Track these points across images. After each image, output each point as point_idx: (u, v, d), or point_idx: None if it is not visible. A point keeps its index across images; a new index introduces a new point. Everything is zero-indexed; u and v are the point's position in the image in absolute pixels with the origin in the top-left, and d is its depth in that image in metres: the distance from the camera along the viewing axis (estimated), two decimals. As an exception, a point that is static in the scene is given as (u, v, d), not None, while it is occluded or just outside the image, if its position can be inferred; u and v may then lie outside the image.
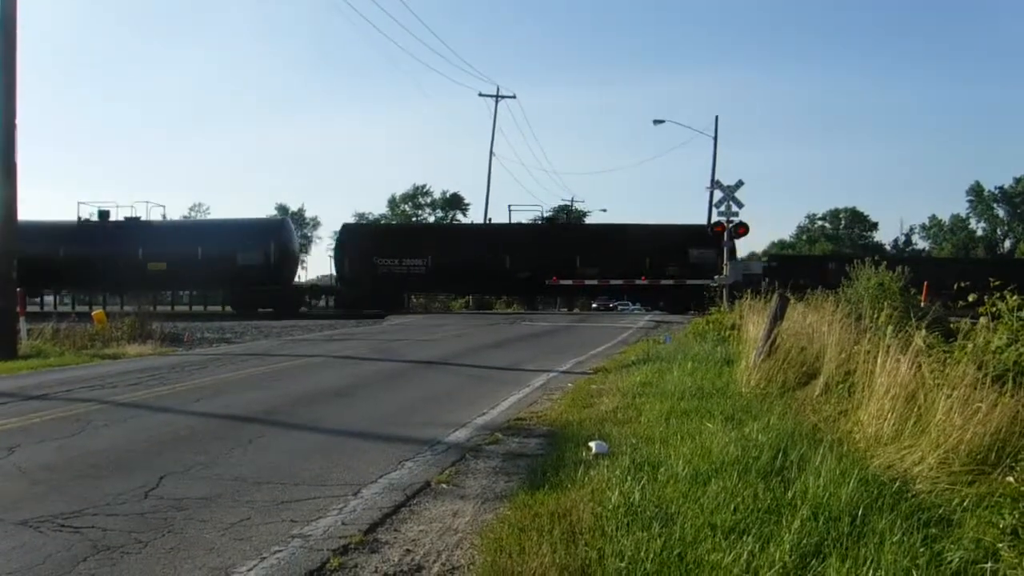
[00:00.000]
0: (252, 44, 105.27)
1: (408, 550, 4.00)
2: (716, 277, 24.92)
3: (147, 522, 4.33)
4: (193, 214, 69.91)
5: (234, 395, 9.34)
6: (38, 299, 34.96)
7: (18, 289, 14.80)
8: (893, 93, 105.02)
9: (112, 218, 33.35)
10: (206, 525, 4.30)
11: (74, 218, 33.66)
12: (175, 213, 66.28)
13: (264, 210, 73.11)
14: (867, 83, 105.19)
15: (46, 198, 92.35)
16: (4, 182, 14.31)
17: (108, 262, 31.14)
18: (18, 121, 14.40)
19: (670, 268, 32.30)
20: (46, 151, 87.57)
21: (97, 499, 4.75)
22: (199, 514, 4.48)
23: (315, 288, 42.86)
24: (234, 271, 31.37)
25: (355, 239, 35.55)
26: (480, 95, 47.67)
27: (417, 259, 33.43)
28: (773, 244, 76.25)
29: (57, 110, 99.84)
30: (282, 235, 33.74)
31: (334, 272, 38.37)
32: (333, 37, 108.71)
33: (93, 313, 19.03)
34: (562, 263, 32.65)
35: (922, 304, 12.57)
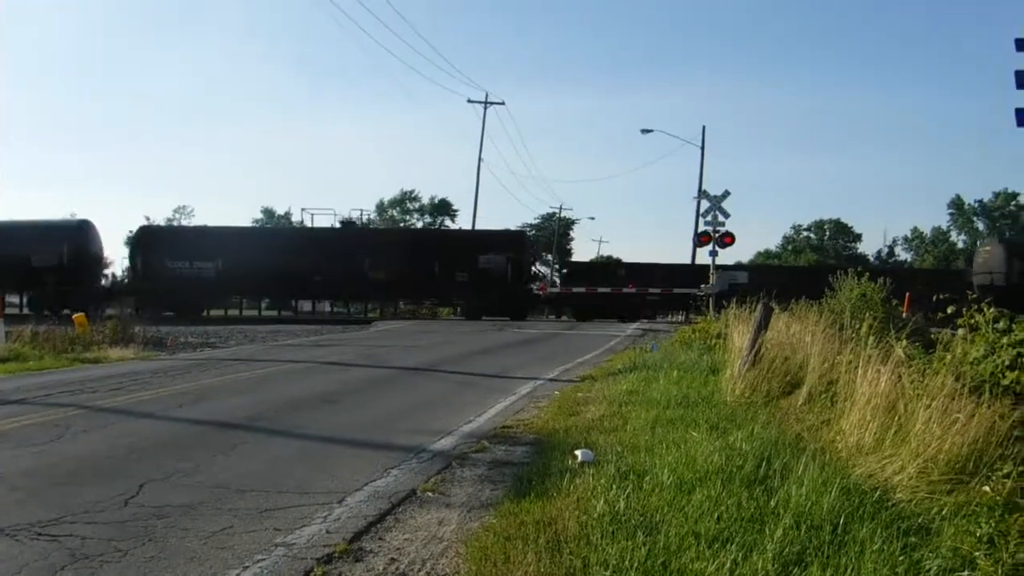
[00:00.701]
0: (242, 48, 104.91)
1: (393, 559, 3.98)
2: (703, 286, 25.08)
3: (127, 530, 4.28)
4: (178, 216, 69.34)
5: (217, 400, 9.25)
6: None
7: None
8: (878, 106, 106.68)
9: None
10: (188, 533, 4.25)
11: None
12: (158, 216, 65.71)
13: (251, 214, 72.33)
14: (853, 96, 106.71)
15: (30, 199, 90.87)
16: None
17: None
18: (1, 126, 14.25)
19: (459, 274, 32.78)
20: (31, 150, 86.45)
21: (76, 507, 4.68)
22: (180, 522, 4.44)
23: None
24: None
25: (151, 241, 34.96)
26: (469, 101, 47.77)
27: (208, 263, 32.89)
28: (759, 254, 76.87)
29: (42, 110, 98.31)
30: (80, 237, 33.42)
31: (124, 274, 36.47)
32: (324, 42, 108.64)
33: (74, 316, 18.79)
34: (353, 266, 32.58)
35: (904, 315, 12.74)
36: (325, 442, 6.92)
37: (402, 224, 68.10)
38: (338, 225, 37.96)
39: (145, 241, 35.04)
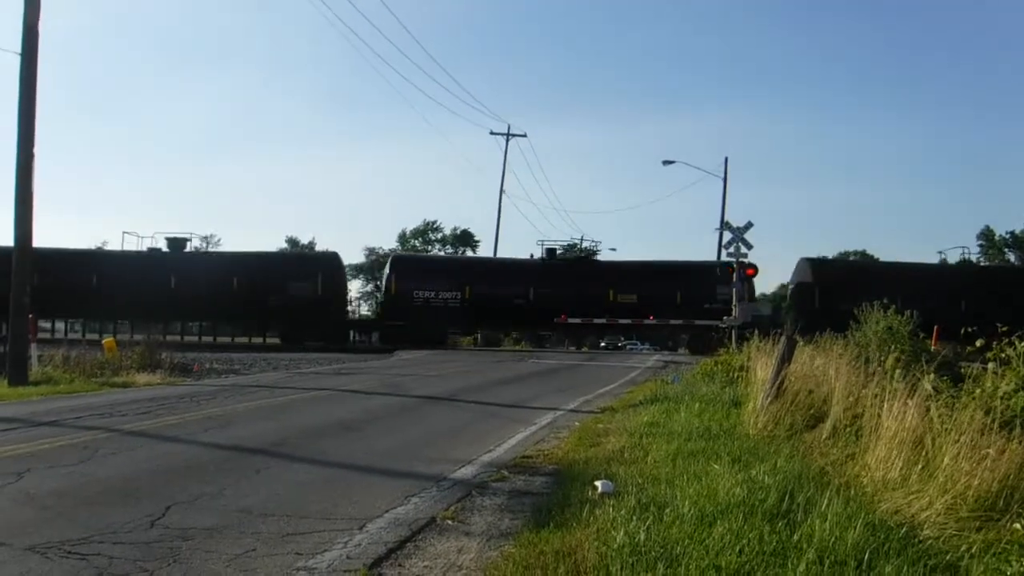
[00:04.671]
0: (265, 79, 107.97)
1: (412, 585, 3.99)
2: (725, 318, 24.85)
3: (153, 551, 4.35)
4: (204, 244, 70.68)
5: (242, 426, 9.37)
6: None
7: (30, 315, 15.00)
8: (904, 135, 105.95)
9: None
10: (211, 555, 4.31)
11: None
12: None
13: (274, 243, 73.54)
14: (879, 124, 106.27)
15: (46, 223, 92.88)
16: (21, 210, 14.62)
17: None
18: (36, 150, 14.77)
19: (271, 298, 32.29)
20: (57, 176, 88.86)
21: (104, 526, 4.77)
22: (205, 544, 4.50)
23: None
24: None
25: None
26: (491, 133, 48.42)
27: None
28: (782, 286, 76.14)
29: (62, 136, 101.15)
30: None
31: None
32: (348, 74, 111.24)
33: (103, 341, 19.20)
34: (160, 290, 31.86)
35: (932, 348, 12.50)
36: (347, 469, 6.96)
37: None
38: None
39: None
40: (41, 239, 16.69)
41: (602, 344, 46.34)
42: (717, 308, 29.54)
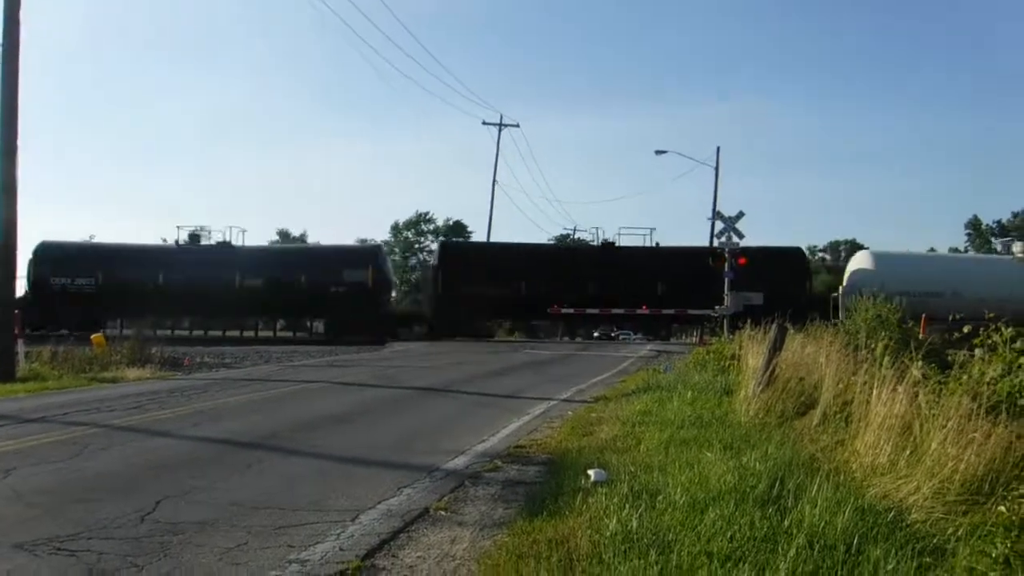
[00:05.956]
0: (255, 69, 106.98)
1: (405, 576, 4.00)
2: (717, 307, 24.95)
3: (143, 546, 4.33)
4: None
5: (233, 420, 9.34)
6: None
7: (15, 311, 14.85)
8: (892, 125, 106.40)
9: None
10: (203, 549, 4.29)
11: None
12: (172, 237, 66.43)
13: (266, 237, 73.09)
14: (868, 115, 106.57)
15: (43, 220, 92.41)
16: (5, 204, 14.43)
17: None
18: (20, 143, 14.57)
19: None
20: (47, 171, 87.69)
21: (93, 523, 4.74)
22: (196, 538, 4.48)
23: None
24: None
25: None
26: (484, 124, 48.23)
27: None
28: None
29: (61, 132, 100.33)
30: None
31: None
32: (341, 66, 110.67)
33: (92, 336, 19.06)
34: None
35: (920, 336, 12.60)
36: (339, 461, 6.95)
37: (415, 246, 68.43)
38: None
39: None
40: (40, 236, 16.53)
41: (595, 335, 46.44)
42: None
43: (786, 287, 29.71)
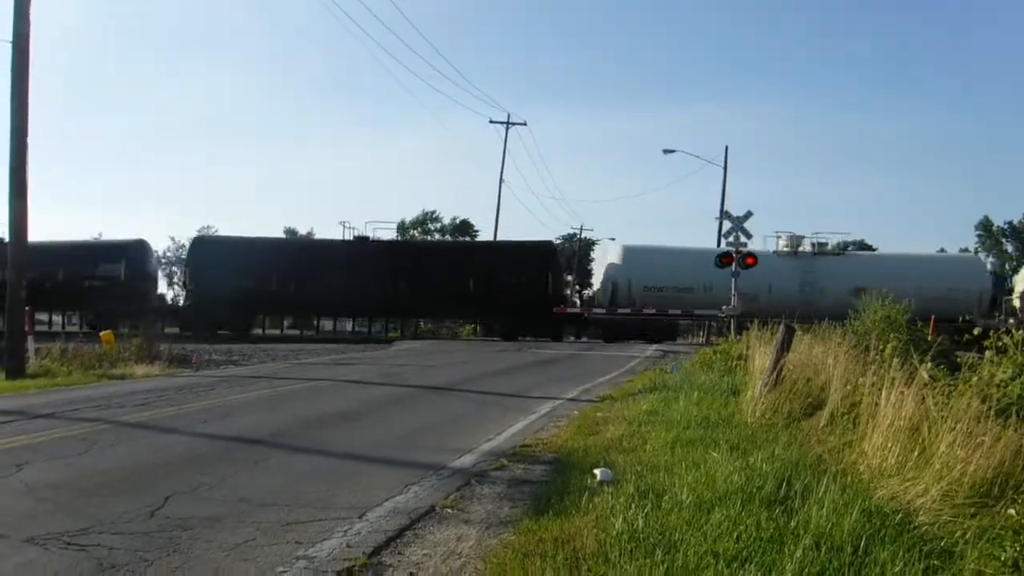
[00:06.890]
0: (262, 68, 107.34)
1: (412, 573, 4.02)
2: (724, 308, 24.86)
3: (152, 541, 4.37)
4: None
5: (241, 417, 9.39)
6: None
7: (26, 308, 14.98)
8: (903, 125, 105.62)
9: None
10: (211, 545, 4.33)
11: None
12: (181, 234, 66.80)
13: (273, 233, 73.19)
14: (877, 115, 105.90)
15: (45, 217, 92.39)
16: (15, 202, 14.54)
17: None
18: (29, 140, 14.66)
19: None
20: (49, 169, 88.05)
21: (103, 517, 4.79)
22: (204, 534, 4.52)
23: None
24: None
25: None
26: (491, 122, 48.20)
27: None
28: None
29: (62, 129, 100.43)
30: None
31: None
32: (346, 63, 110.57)
33: (101, 333, 19.19)
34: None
35: (929, 338, 12.54)
36: (346, 458, 6.99)
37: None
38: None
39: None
40: (42, 234, 16.67)
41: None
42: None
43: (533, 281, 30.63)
